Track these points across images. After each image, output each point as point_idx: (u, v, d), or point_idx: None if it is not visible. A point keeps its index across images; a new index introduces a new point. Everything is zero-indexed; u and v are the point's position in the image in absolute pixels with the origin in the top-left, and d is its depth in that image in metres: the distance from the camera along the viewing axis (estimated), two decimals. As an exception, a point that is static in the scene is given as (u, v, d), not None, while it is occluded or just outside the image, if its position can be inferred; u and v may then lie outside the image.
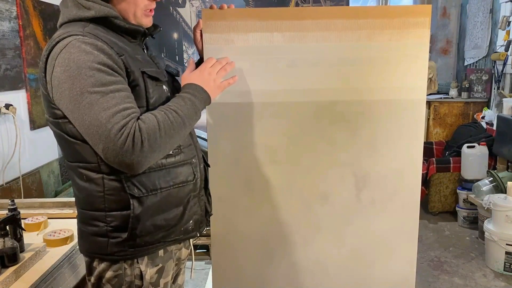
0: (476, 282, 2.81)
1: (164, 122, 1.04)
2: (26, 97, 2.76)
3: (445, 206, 3.89)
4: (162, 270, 1.21)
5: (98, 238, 1.15)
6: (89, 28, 1.08)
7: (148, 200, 1.13)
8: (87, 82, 0.99)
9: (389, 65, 1.42)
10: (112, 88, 1.01)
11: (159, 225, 1.16)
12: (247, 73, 1.42)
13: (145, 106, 1.11)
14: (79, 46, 1.02)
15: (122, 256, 1.15)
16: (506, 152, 3.42)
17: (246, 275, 1.56)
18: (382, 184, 1.49)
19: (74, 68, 1.00)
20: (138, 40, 1.23)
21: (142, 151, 0.99)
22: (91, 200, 1.14)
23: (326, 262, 1.55)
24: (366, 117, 1.45)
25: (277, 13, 1.41)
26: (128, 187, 1.10)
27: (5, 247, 1.37)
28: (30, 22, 2.84)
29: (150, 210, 1.14)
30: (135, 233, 1.13)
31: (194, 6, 4.67)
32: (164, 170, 1.15)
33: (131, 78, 1.09)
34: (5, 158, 2.49)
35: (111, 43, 1.08)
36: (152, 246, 1.17)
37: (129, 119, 0.99)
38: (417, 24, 1.39)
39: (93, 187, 1.12)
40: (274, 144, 1.48)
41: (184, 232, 1.23)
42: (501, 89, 3.91)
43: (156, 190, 1.14)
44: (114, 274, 1.16)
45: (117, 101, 1.00)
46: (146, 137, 1.00)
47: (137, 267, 1.17)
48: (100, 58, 1.02)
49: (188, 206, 1.22)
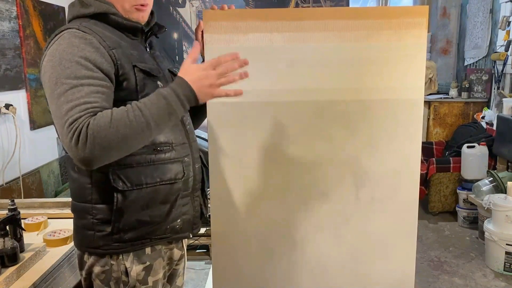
0: (476, 282, 2.82)
1: (119, 120, 0.98)
2: (26, 97, 2.76)
3: (445, 206, 3.89)
4: (150, 268, 1.21)
5: (86, 231, 1.17)
6: (86, 23, 1.12)
7: (132, 194, 1.13)
8: (63, 73, 1.02)
9: (387, 65, 1.43)
10: (83, 81, 1.01)
11: (143, 220, 1.16)
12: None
13: (136, 99, 1.10)
14: (69, 39, 1.06)
15: (107, 250, 1.16)
16: (506, 152, 3.42)
17: (246, 275, 1.57)
18: (381, 183, 1.50)
19: (57, 59, 1.04)
20: (140, 38, 1.23)
21: (85, 148, 0.95)
22: (81, 191, 1.16)
23: (326, 261, 1.55)
24: (365, 117, 1.46)
25: (277, 13, 1.41)
26: (113, 180, 1.11)
27: (5, 247, 1.38)
28: (30, 22, 2.84)
29: (134, 205, 1.14)
30: (119, 226, 1.14)
31: (194, 6, 4.67)
32: (152, 166, 1.15)
33: (121, 72, 1.10)
34: (5, 158, 2.49)
35: (105, 36, 1.11)
36: (137, 242, 1.17)
37: (84, 114, 0.97)
38: (415, 24, 1.40)
39: (83, 179, 1.15)
40: (273, 144, 1.48)
41: (172, 231, 1.23)
42: (501, 89, 3.91)
43: (141, 185, 1.14)
44: (102, 269, 1.17)
45: (81, 94, 1.00)
46: (92, 134, 0.95)
47: (122, 263, 1.17)
48: (84, 53, 1.04)
49: (175, 204, 1.21)
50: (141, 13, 1.20)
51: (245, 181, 1.51)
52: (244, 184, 1.51)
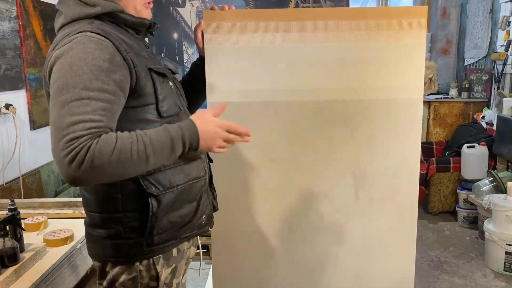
0: (476, 282, 2.81)
1: (122, 152, 0.94)
2: (26, 97, 2.76)
3: (445, 206, 3.89)
4: (175, 270, 1.22)
5: (112, 241, 1.13)
6: (96, 24, 1.06)
7: (165, 197, 1.13)
8: (72, 80, 0.95)
9: (386, 65, 1.44)
10: (92, 94, 0.95)
11: (175, 221, 1.16)
12: (247, 73, 1.43)
13: (155, 103, 1.10)
14: (84, 43, 0.99)
15: (138, 258, 1.14)
16: (506, 152, 3.42)
17: (246, 275, 1.57)
18: (380, 182, 1.50)
19: (68, 62, 0.97)
20: (141, 36, 1.22)
21: (78, 169, 0.91)
22: (106, 202, 1.12)
23: (325, 261, 1.56)
24: (364, 116, 1.47)
25: (277, 14, 1.42)
26: (145, 185, 1.09)
27: (5, 247, 1.38)
28: (30, 22, 2.84)
29: (166, 207, 1.14)
30: (153, 231, 1.12)
31: (194, 6, 4.67)
32: (179, 167, 1.16)
33: (138, 76, 1.06)
34: (5, 158, 2.49)
35: (120, 39, 1.06)
36: (168, 243, 1.17)
37: (87, 133, 0.92)
38: (414, 25, 1.41)
39: (109, 189, 1.10)
40: (273, 143, 1.49)
41: (198, 227, 1.24)
42: (501, 89, 3.91)
43: (172, 187, 1.14)
44: (129, 277, 1.14)
45: (87, 109, 0.94)
46: (90, 158, 0.91)
47: (153, 268, 1.16)
48: (98, 61, 0.98)
49: (201, 201, 1.23)
50: (149, 10, 1.21)
51: (245, 181, 1.51)
52: (244, 184, 1.51)
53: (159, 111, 1.11)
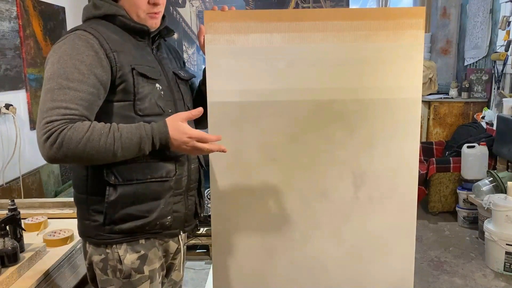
0: (476, 282, 2.82)
1: (90, 141, 1.04)
2: (26, 97, 2.76)
3: (445, 206, 3.89)
4: (145, 258, 1.24)
5: (84, 220, 1.23)
6: (94, 24, 1.18)
7: (123, 189, 1.18)
8: (58, 71, 1.08)
9: (385, 65, 1.45)
10: (72, 85, 1.07)
11: (133, 214, 1.20)
12: (247, 73, 1.44)
13: (132, 100, 1.17)
14: (73, 40, 1.12)
15: (101, 240, 1.21)
16: (506, 152, 3.42)
17: (246, 274, 1.57)
18: (379, 182, 1.51)
19: (57, 56, 1.10)
20: (146, 40, 1.28)
21: (51, 149, 1.04)
22: (78, 182, 1.23)
23: (325, 260, 1.56)
24: (363, 116, 1.47)
25: (277, 14, 1.43)
26: (106, 174, 1.16)
27: (5, 247, 1.38)
28: (30, 22, 2.85)
29: (124, 199, 1.18)
30: (110, 218, 1.19)
31: (194, 6, 4.68)
32: (145, 163, 1.20)
33: (119, 74, 1.15)
34: (5, 158, 2.50)
35: (109, 38, 1.16)
36: (128, 235, 1.22)
37: (61, 119, 1.04)
38: (412, 25, 1.42)
39: (80, 170, 1.21)
40: (273, 143, 1.49)
41: (162, 227, 1.26)
42: (501, 89, 3.91)
43: (131, 180, 1.19)
44: (100, 258, 1.23)
45: (66, 98, 1.06)
46: (61, 142, 1.03)
47: (116, 251, 1.21)
48: (82, 56, 1.09)
49: (165, 201, 1.25)
50: (155, 20, 1.26)
51: (245, 180, 1.51)
52: (244, 184, 1.51)
53: (135, 109, 1.18)
